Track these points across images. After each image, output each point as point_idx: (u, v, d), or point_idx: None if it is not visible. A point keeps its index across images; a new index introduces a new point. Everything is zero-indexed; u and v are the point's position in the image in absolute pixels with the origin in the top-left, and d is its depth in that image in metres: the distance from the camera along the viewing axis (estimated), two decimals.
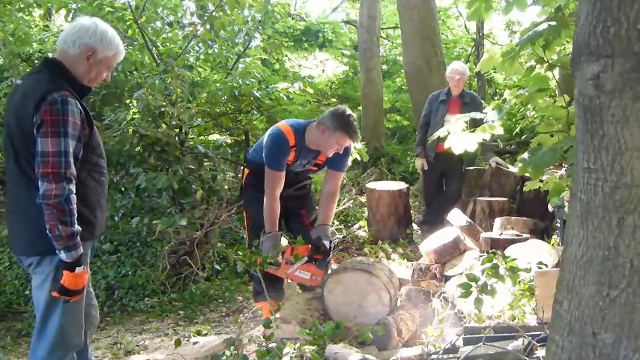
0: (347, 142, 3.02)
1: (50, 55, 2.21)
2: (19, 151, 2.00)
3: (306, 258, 3.01)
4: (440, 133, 2.65)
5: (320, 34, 12.36)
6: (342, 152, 3.10)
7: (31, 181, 1.97)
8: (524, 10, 2.39)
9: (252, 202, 3.25)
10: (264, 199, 3.07)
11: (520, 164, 2.25)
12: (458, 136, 2.51)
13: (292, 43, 11.76)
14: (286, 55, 11.72)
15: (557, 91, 4.19)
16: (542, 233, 3.97)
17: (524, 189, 2.98)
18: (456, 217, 3.97)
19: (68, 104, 1.92)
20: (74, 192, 1.96)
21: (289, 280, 3.22)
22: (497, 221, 4.00)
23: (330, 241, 3.16)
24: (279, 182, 3.07)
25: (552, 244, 3.57)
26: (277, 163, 3.05)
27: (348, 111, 3.03)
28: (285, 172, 3.08)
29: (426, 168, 5.14)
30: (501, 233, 3.72)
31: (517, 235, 3.61)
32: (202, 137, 6.59)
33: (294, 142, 3.08)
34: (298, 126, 3.13)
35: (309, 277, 3.04)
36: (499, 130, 2.47)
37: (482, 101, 5.69)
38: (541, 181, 2.73)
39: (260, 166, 3.12)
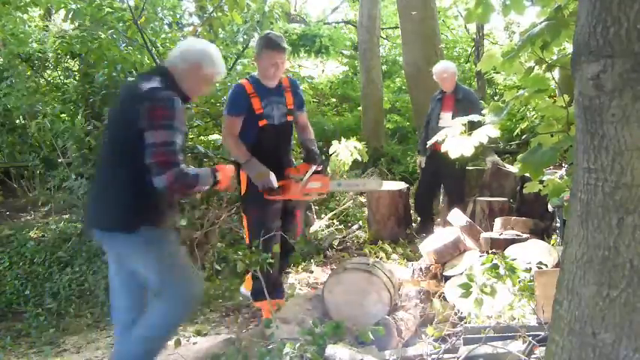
0: (275, 56, 3.16)
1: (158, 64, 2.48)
2: (120, 142, 2.23)
3: (312, 169, 3.13)
4: (438, 137, 2.65)
5: (317, 40, 12.34)
6: (296, 91, 3.37)
7: (126, 167, 2.19)
8: (522, 14, 2.38)
9: (253, 202, 3.25)
10: (226, 143, 3.34)
11: (520, 164, 2.25)
12: (454, 139, 2.50)
13: (289, 48, 11.77)
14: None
15: (557, 91, 4.18)
16: (542, 233, 3.97)
17: (524, 191, 2.97)
18: (456, 217, 3.97)
19: (175, 102, 2.17)
20: (184, 169, 2.16)
21: (305, 196, 3.27)
22: (498, 221, 4.00)
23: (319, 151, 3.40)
24: (235, 126, 3.21)
25: (552, 244, 3.57)
26: (232, 108, 3.23)
27: (270, 33, 3.26)
28: (241, 118, 3.20)
29: (423, 166, 5.17)
30: (501, 233, 3.72)
31: (517, 235, 3.62)
32: (202, 137, 6.59)
33: (252, 89, 3.22)
34: (252, 75, 3.35)
35: (320, 185, 3.17)
36: (496, 133, 2.47)
37: (482, 101, 5.68)
38: (541, 182, 2.73)
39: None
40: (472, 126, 2.51)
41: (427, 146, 4.72)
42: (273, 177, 3.06)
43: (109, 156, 2.31)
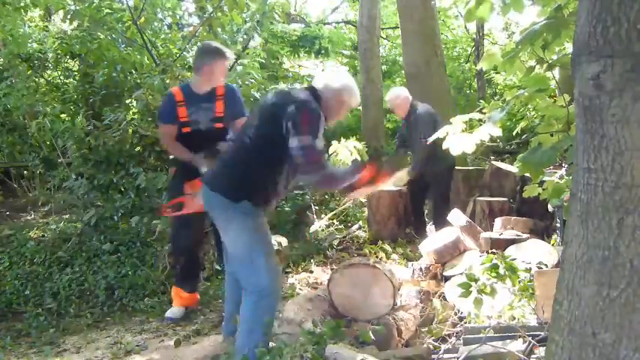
0: (223, 61, 3.38)
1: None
2: (264, 135, 2.47)
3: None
4: (439, 134, 2.64)
5: (316, 41, 12.34)
6: (232, 100, 3.47)
7: (255, 159, 2.47)
8: (521, 12, 2.38)
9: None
10: (168, 150, 3.63)
11: (520, 164, 2.25)
12: (456, 137, 2.49)
13: (289, 49, 11.76)
14: (284, 56, 11.73)
15: (557, 91, 4.18)
16: (542, 233, 3.97)
17: (524, 195, 2.97)
18: (456, 217, 3.97)
19: (322, 118, 2.45)
20: (329, 168, 2.49)
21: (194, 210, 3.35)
22: (498, 221, 4.00)
23: None
24: (169, 133, 3.48)
25: (552, 244, 3.57)
26: (162, 117, 3.54)
27: (209, 43, 3.50)
28: (171, 125, 3.44)
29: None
30: (501, 233, 3.72)
31: (517, 235, 3.62)
32: None
33: (182, 97, 3.43)
34: (184, 83, 3.60)
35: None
36: (498, 131, 2.46)
37: (482, 101, 5.68)
38: (541, 185, 2.73)
39: (178, 164, 3.55)
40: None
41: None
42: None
43: (249, 143, 2.54)
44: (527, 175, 2.30)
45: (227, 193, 2.46)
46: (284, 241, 4.69)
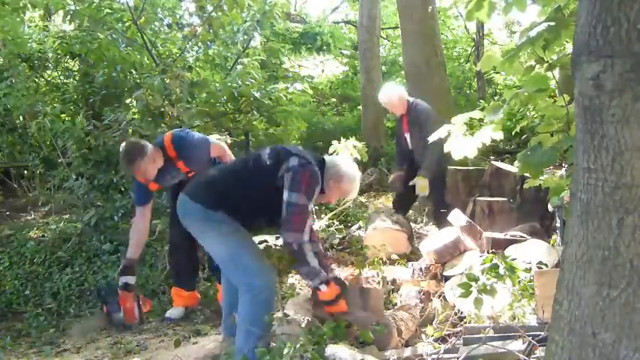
0: (140, 161, 3.28)
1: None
2: (264, 179, 2.59)
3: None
4: (439, 133, 2.64)
5: (318, 37, 12.34)
6: (183, 150, 3.42)
7: (243, 185, 2.62)
8: (524, 11, 2.38)
9: (171, 200, 3.65)
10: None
11: (520, 164, 2.24)
12: (458, 141, 2.48)
13: (291, 47, 11.75)
14: (285, 56, 11.73)
15: (557, 91, 4.18)
16: (544, 233, 3.97)
17: (525, 186, 2.97)
18: (456, 217, 3.96)
19: (318, 187, 2.57)
20: (307, 247, 2.55)
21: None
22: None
23: None
24: (139, 214, 3.52)
25: (552, 244, 3.57)
26: (137, 201, 3.56)
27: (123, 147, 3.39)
28: (145, 206, 3.50)
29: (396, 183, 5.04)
30: (506, 234, 3.72)
31: (521, 236, 3.62)
32: None
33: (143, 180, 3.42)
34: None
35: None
36: (499, 135, 2.45)
37: (482, 101, 5.66)
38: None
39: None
40: (425, 144, 2.47)
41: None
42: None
43: (243, 171, 2.70)
44: (527, 175, 2.30)
45: (207, 203, 2.53)
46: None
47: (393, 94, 4.72)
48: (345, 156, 2.96)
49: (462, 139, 2.44)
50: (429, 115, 4.67)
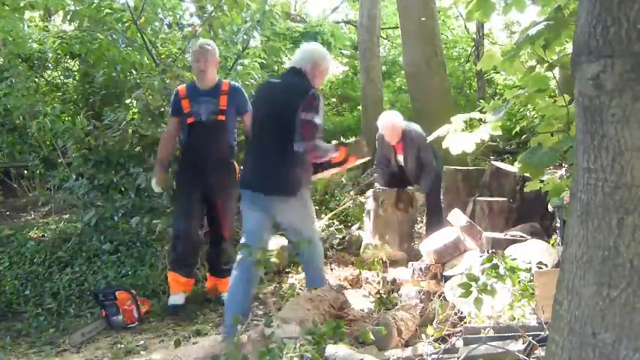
0: (196, 59, 3.86)
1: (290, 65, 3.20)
2: (286, 125, 2.96)
3: None
4: (439, 132, 2.64)
5: (318, 37, 12.34)
6: (235, 96, 3.88)
7: (285, 144, 2.96)
8: (523, 11, 2.38)
9: (178, 186, 4.14)
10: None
11: (520, 164, 2.25)
12: (457, 136, 2.49)
13: (291, 46, 11.75)
14: (286, 56, 11.73)
15: (557, 91, 4.19)
16: (544, 233, 3.97)
17: (525, 190, 2.97)
18: (457, 217, 3.96)
19: (319, 94, 3.02)
20: (319, 143, 3.02)
21: None
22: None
23: None
24: (171, 125, 4.08)
25: (552, 244, 3.57)
26: (170, 111, 4.09)
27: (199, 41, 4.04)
28: (179, 118, 3.94)
29: (381, 183, 5.09)
30: (506, 234, 3.72)
31: (521, 236, 3.61)
32: None
33: (185, 92, 3.91)
34: (191, 82, 4.13)
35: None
36: (497, 132, 2.46)
37: (482, 101, 5.66)
38: (541, 181, 2.73)
39: (183, 153, 4.11)
40: (422, 167, 2.46)
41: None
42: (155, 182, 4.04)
43: (273, 135, 3.03)
44: (528, 175, 2.30)
45: (286, 192, 3.03)
46: (284, 241, 4.70)
47: (388, 124, 4.82)
48: (298, 52, 3.28)
49: (460, 134, 2.44)
50: (424, 139, 4.70)
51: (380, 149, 5.11)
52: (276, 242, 4.36)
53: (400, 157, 4.96)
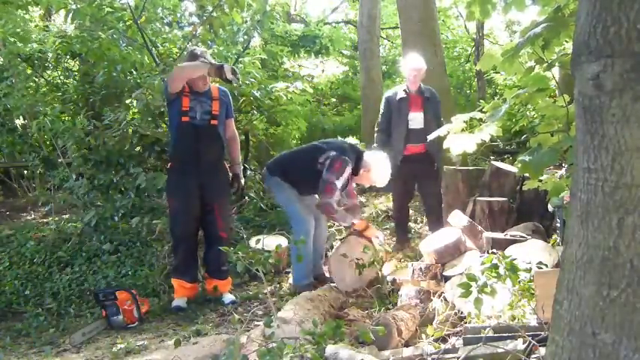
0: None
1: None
2: (308, 164, 4.00)
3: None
4: (439, 132, 2.64)
5: (317, 40, 12.33)
6: (225, 101, 3.99)
7: (307, 170, 4.01)
8: (523, 11, 2.38)
9: (174, 191, 3.97)
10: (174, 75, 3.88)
11: (520, 164, 2.25)
12: (458, 136, 2.49)
13: (290, 49, 11.76)
14: (285, 57, 11.74)
15: (557, 91, 4.19)
16: (544, 233, 3.97)
17: (524, 188, 2.97)
18: (457, 217, 3.96)
19: (349, 168, 4.03)
20: (333, 202, 3.92)
21: None
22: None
23: (241, 177, 4.22)
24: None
25: (552, 244, 3.56)
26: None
27: (195, 49, 4.07)
28: (176, 102, 3.82)
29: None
30: (506, 234, 3.72)
31: (521, 236, 3.61)
32: None
33: (188, 89, 3.84)
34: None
35: None
36: (498, 131, 2.46)
37: (482, 101, 5.66)
38: (540, 180, 2.73)
39: (176, 155, 3.94)
40: (439, 122, 2.47)
41: (395, 146, 4.58)
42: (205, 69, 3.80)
43: (303, 163, 4.04)
44: (527, 175, 2.30)
45: (280, 176, 4.03)
46: (284, 241, 4.69)
47: (425, 65, 4.70)
48: (381, 154, 4.00)
49: (461, 135, 2.44)
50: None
51: (387, 110, 4.79)
52: (276, 242, 4.36)
53: (413, 115, 4.66)
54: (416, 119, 4.67)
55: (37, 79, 7.28)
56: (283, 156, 4.32)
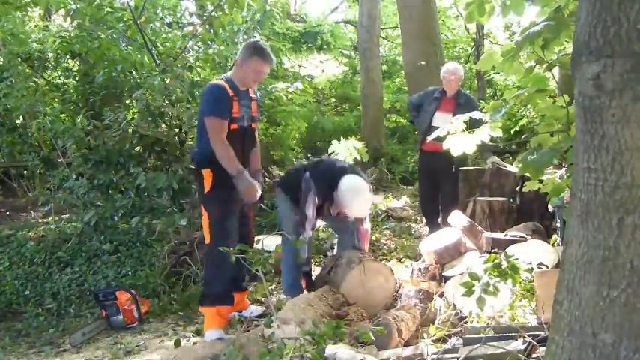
0: (262, 66, 3.23)
1: None
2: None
3: None
4: (438, 132, 2.64)
5: (318, 37, 12.33)
6: (257, 104, 3.51)
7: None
8: (521, 15, 2.38)
9: (217, 202, 3.25)
10: (216, 148, 3.11)
11: (520, 164, 2.25)
12: (458, 137, 2.49)
13: (291, 46, 11.75)
14: (286, 55, 11.73)
15: (557, 92, 4.19)
16: (544, 233, 3.97)
17: (524, 190, 2.97)
18: (457, 218, 3.96)
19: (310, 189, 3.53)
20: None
21: None
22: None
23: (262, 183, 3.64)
24: (223, 130, 3.14)
25: (552, 244, 3.57)
26: (219, 109, 3.13)
27: (260, 41, 3.38)
28: (227, 122, 3.16)
29: None
30: (506, 234, 3.72)
31: (521, 236, 3.61)
32: None
33: (233, 92, 3.20)
34: (227, 77, 3.30)
35: None
36: (498, 132, 2.46)
37: (482, 101, 5.65)
38: (541, 181, 2.73)
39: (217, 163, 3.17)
40: (473, 125, 2.49)
41: (424, 142, 4.66)
42: (259, 192, 3.28)
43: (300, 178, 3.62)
44: (528, 175, 2.30)
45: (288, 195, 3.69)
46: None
47: (461, 71, 4.78)
48: (360, 182, 3.46)
49: (461, 136, 2.44)
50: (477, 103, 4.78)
51: (419, 99, 4.95)
52: (276, 242, 4.35)
53: (440, 114, 4.68)
54: (441, 119, 4.63)
55: (36, 79, 7.27)
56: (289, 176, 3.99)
